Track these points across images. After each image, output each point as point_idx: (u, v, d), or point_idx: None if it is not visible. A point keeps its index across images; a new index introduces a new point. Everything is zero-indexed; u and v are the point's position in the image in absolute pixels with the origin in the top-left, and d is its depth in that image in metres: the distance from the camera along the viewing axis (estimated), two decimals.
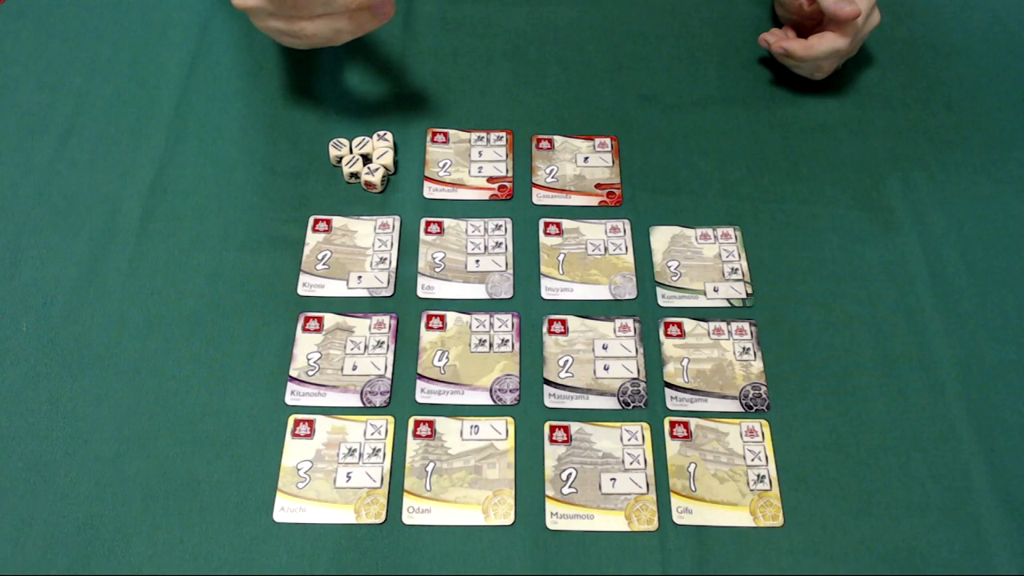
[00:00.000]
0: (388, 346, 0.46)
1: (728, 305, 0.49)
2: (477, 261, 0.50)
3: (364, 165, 0.53)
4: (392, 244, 0.50)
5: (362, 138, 0.54)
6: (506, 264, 0.50)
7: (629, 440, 0.44)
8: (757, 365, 0.46)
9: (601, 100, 0.58)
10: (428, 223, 0.52)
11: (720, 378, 0.46)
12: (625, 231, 0.51)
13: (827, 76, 0.57)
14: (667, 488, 0.42)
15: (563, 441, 0.44)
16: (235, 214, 0.51)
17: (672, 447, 0.43)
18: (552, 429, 0.44)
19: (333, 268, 0.49)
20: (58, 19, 0.61)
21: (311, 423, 0.44)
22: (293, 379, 0.45)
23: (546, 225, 0.52)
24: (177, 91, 0.57)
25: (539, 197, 0.53)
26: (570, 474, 0.43)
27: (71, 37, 0.60)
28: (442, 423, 0.44)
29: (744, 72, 0.60)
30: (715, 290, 0.49)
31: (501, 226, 0.51)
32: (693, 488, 0.42)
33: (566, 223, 0.52)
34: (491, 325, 0.47)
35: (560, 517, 0.41)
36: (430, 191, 0.53)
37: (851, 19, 0.51)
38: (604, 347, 0.47)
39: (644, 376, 0.46)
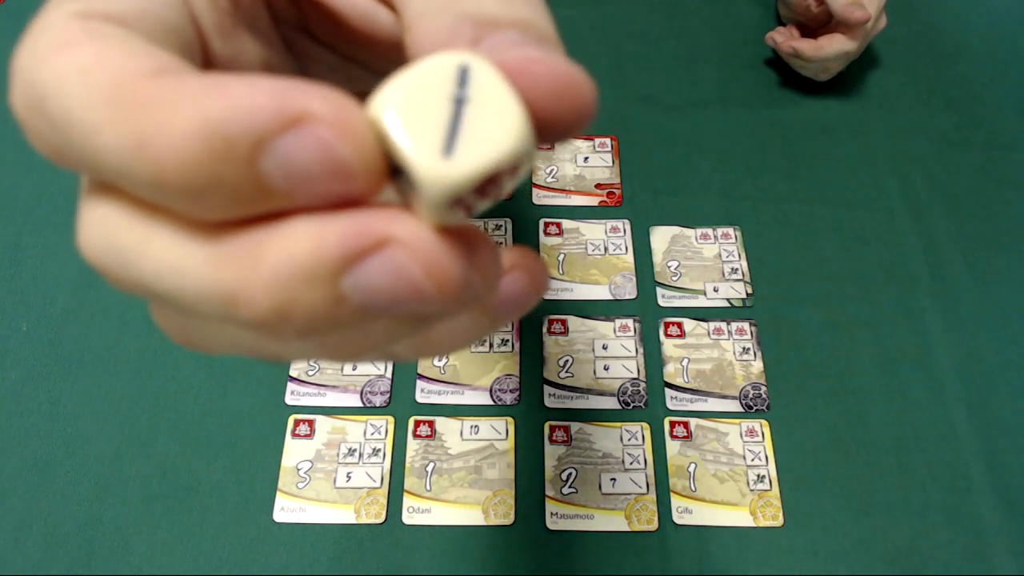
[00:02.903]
0: None
1: (728, 305, 0.49)
2: None
3: None
4: None
5: None
6: None
7: (629, 440, 0.44)
8: (757, 365, 0.46)
9: (601, 100, 0.57)
10: None
11: (720, 378, 0.46)
12: (625, 231, 0.51)
13: (831, 77, 0.57)
14: (667, 488, 0.42)
15: (563, 441, 0.44)
16: None
17: (672, 447, 0.43)
18: (552, 429, 0.44)
19: None
20: None
21: (311, 423, 0.44)
22: (293, 379, 0.45)
23: (546, 225, 0.52)
24: None
25: (539, 197, 0.53)
26: (570, 474, 0.43)
27: None
28: (442, 423, 0.44)
29: (744, 72, 0.60)
30: (715, 290, 0.49)
31: (501, 226, 0.51)
32: (693, 488, 0.42)
33: (566, 223, 0.52)
34: None
35: (560, 517, 0.41)
36: None
37: (862, 23, 0.52)
38: (604, 347, 0.47)
39: (644, 376, 0.46)
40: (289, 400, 0.45)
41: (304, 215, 0.11)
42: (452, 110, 0.12)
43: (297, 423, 0.44)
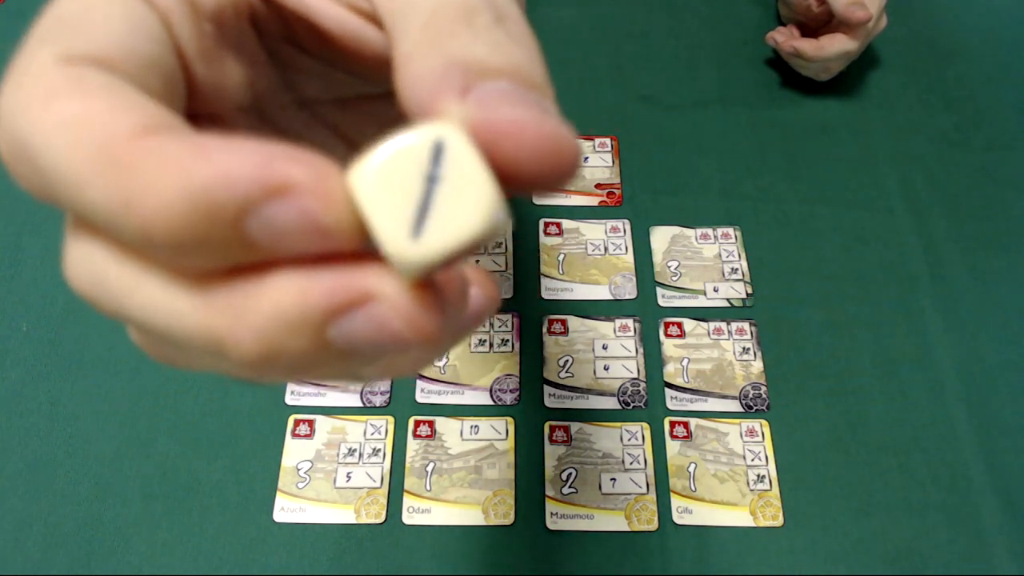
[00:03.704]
0: None
1: (728, 305, 0.49)
2: (477, 261, 0.50)
3: None
4: None
5: None
6: (506, 264, 0.50)
7: (629, 440, 0.44)
8: (757, 365, 0.46)
9: (601, 100, 0.58)
10: None
11: (720, 378, 0.46)
12: (625, 231, 0.51)
13: (831, 77, 0.57)
14: (667, 488, 0.42)
15: (563, 441, 0.44)
16: None
17: (672, 447, 0.43)
18: (552, 429, 0.44)
19: None
20: None
21: (311, 423, 0.44)
22: None
23: (546, 225, 0.52)
24: None
25: (539, 197, 0.53)
26: (570, 474, 0.43)
27: None
28: (442, 423, 0.44)
29: (744, 72, 0.60)
30: (715, 290, 0.49)
31: None
32: (693, 488, 0.42)
33: (566, 223, 0.52)
34: (491, 325, 0.47)
35: (560, 517, 0.41)
36: None
37: (863, 23, 0.52)
38: (604, 347, 0.47)
39: (644, 376, 0.46)
40: (289, 400, 0.45)
41: (289, 266, 0.12)
42: (424, 189, 0.12)
43: (297, 423, 0.44)
